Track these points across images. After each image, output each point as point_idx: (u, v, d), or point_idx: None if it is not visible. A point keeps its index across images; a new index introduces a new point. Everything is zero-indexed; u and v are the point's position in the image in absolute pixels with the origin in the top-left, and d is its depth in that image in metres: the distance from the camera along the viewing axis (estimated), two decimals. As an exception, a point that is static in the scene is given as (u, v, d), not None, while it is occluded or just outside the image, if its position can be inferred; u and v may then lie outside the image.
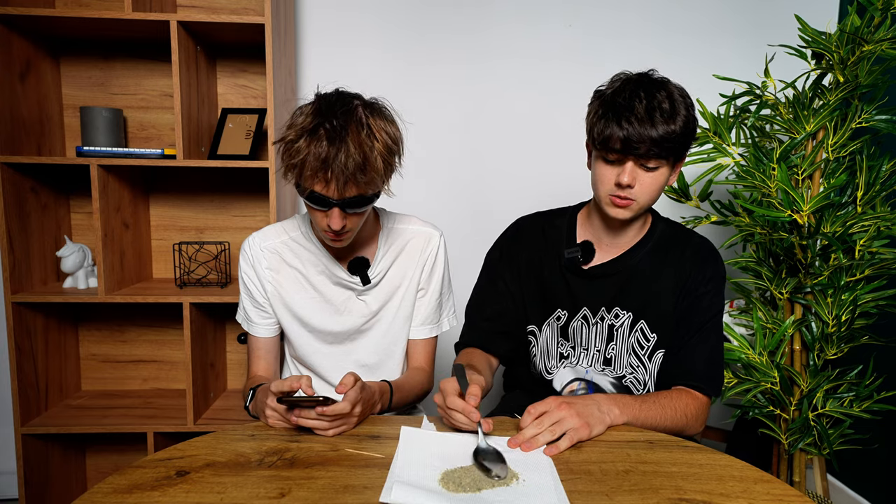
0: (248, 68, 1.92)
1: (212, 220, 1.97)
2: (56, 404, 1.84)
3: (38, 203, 1.76)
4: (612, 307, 1.15)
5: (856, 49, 1.44)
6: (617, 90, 1.04)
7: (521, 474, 0.81)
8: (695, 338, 1.11)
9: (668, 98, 1.01)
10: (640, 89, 1.02)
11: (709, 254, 1.15)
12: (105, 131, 1.72)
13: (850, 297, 1.50)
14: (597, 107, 1.06)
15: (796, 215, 1.45)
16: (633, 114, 0.99)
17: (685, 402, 1.06)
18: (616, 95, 1.03)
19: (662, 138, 0.99)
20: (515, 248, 1.23)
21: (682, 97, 1.03)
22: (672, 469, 0.84)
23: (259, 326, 1.24)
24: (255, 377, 1.22)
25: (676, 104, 1.01)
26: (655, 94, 1.01)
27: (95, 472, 2.01)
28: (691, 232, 1.20)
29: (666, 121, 0.99)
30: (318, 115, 0.98)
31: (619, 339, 1.15)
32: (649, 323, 1.13)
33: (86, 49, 1.85)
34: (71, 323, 1.93)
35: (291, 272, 1.20)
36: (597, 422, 0.93)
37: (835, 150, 1.53)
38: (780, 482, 0.81)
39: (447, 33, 2.00)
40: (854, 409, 1.54)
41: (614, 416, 0.97)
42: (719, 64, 1.99)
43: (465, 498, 0.74)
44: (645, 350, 1.14)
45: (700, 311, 1.12)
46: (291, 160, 0.99)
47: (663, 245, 1.15)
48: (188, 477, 0.79)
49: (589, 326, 1.16)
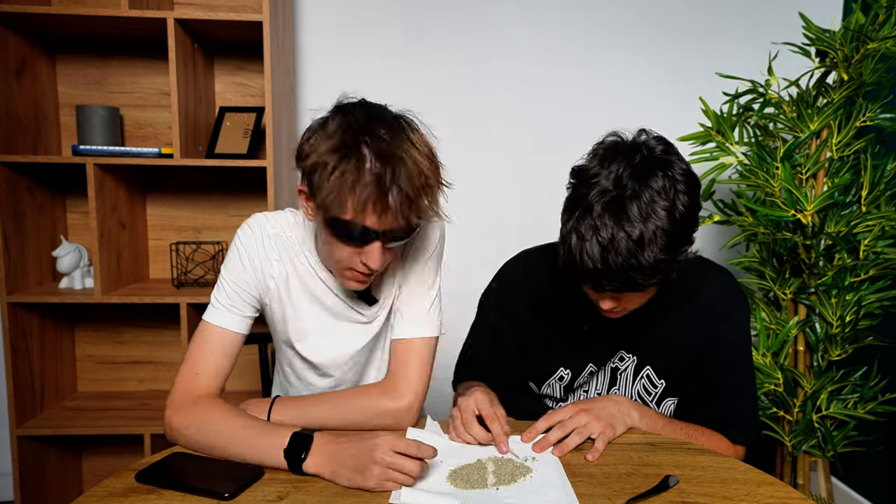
0: (246, 66, 1.92)
1: (209, 220, 1.97)
2: (52, 406, 1.84)
3: (34, 202, 1.76)
4: (617, 351, 1.07)
5: (860, 47, 1.44)
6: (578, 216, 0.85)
7: (531, 471, 0.83)
8: (725, 381, 1.02)
9: (644, 221, 0.81)
10: (607, 213, 0.82)
11: (728, 290, 1.05)
12: (101, 130, 1.72)
13: (855, 297, 1.50)
14: (563, 216, 0.89)
15: (800, 215, 1.45)
16: (598, 253, 0.83)
17: (717, 445, 0.98)
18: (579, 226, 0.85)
19: (637, 281, 0.84)
20: (514, 294, 1.11)
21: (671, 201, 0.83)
22: (675, 471, 0.84)
23: (235, 316, 0.97)
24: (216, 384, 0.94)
25: (657, 229, 0.82)
26: (624, 223, 0.81)
27: (91, 474, 2.01)
28: (704, 264, 1.07)
29: (638, 262, 0.82)
30: (353, 131, 0.81)
31: (622, 383, 1.07)
32: (656, 369, 1.05)
33: (82, 47, 1.85)
34: (67, 323, 1.93)
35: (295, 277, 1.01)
36: (618, 421, 0.93)
37: (839, 148, 1.53)
38: (783, 485, 0.81)
39: (447, 33, 1.99)
40: (858, 410, 1.54)
41: (633, 419, 0.96)
42: (722, 61, 1.99)
43: (475, 495, 0.76)
44: (652, 396, 1.06)
45: (727, 351, 1.02)
46: (327, 192, 0.80)
47: (672, 283, 0.97)
48: (185, 479, 0.79)
49: (592, 378, 1.10)
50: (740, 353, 1.04)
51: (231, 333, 0.97)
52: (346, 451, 0.80)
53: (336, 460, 0.79)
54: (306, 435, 0.82)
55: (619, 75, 2.04)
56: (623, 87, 2.05)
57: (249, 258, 0.98)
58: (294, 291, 1.01)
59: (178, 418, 0.89)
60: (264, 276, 0.99)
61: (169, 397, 0.92)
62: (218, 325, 0.96)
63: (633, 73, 2.04)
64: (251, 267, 0.98)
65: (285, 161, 1.81)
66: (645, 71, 2.04)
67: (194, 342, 0.96)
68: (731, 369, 1.03)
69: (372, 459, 0.77)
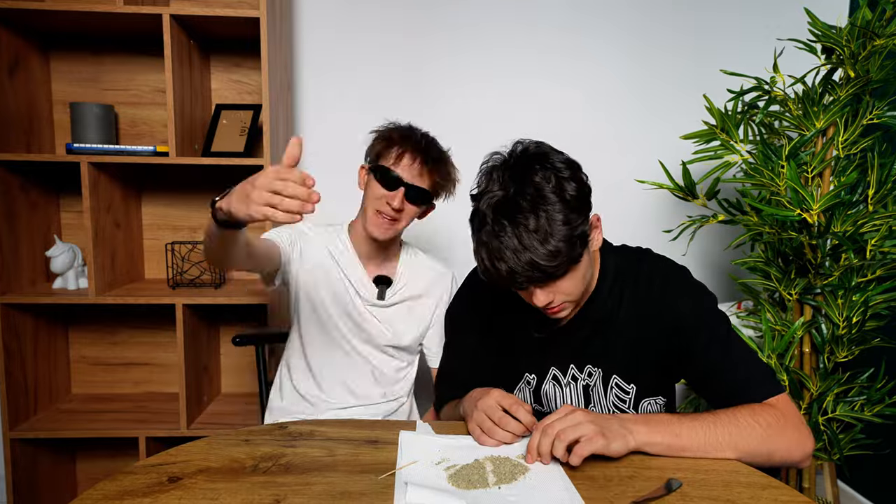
0: (243, 63, 1.92)
1: (205, 219, 1.95)
2: (45, 408, 1.84)
3: (28, 201, 1.77)
4: (584, 365, 1.07)
5: (867, 43, 1.44)
6: (479, 222, 0.93)
7: (529, 469, 0.85)
8: (724, 358, 0.98)
9: (535, 210, 0.87)
10: (500, 215, 0.89)
11: (681, 281, 1.04)
12: (96, 128, 1.72)
13: (862, 298, 1.50)
14: (472, 236, 0.96)
15: (806, 214, 1.45)
16: (503, 250, 0.88)
17: (755, 412, 0.90)
18: (480, 231, 0.92)
19: (546, 265, 0.88)
20: (477, 303, 1.17)
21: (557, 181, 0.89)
22: (677, 475, 0.83)
23: (281, 235, 1.29)
24: None
25: (549, 214, 0.87)
26: (518, 217, 0.87)
27: (86, 477, 2.02)
28: (651, 258, 1.08)
29: (541, 245, 0.87)
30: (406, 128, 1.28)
31: (595, 399, 1.08)
32: (622, 375, 1.05)
33: (76, 43, 1.85)
34: (61, 324, 1.93)
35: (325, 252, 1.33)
36: (615, 436, 0.84)
37: (845, 147, 1.53)
38: (788, 488, 0.81)
39: (447, 29, 2.00)
40: (865, 413, 1.54)
41: (639, 435, 0.86)
42: (727, 58, 1.99)
43: (478, 494, 0.78)
44: (627, 403, 1.07)
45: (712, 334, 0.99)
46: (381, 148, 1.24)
47: (620, 284, 1.05)
48: (181, 483, 0.79)
49: (562, 388, 1.09)
50: (710, 319, 1.00)
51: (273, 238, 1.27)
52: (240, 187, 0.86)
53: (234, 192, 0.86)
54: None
55: (621, 73, 2.04)
56: (626, 85, 2.05)
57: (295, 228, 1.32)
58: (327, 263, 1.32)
59: None
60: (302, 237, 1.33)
61: None
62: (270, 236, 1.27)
63: (635, 71, 2.04)
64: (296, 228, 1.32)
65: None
66: (648, 68, 2.04)
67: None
68: (711, 342, 0.98)
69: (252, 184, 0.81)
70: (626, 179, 1.95)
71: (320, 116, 2.01)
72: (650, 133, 2.07)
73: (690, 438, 0.87)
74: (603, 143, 2.06)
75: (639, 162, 2.02)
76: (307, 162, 2.04)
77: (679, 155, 1.72)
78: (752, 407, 0.92)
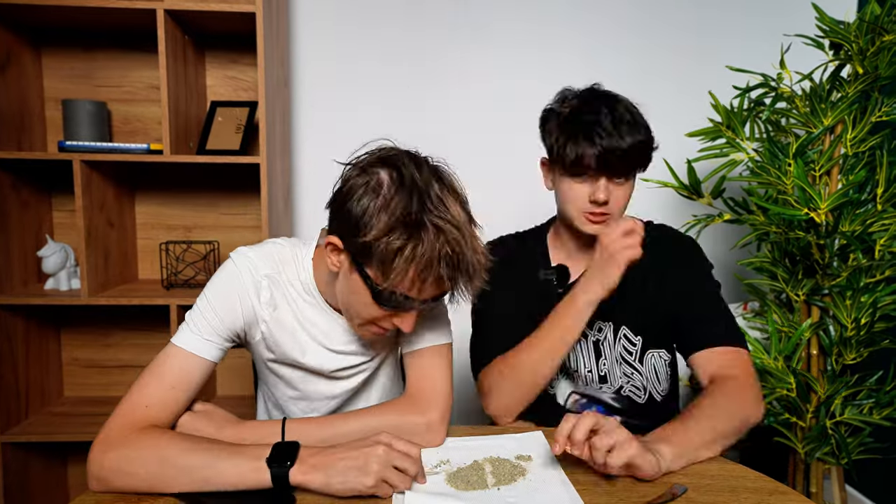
0: (239, 59, 1.92)
1: (200, 219, 1.97)
2: (37, 411, 1.84)
3: (19, 200, 1.77)
4: (594, 322, 1.15)
5: (876, 39, 1.44)
6: (577, 107, 1.07)
7: (528, 470, 0.85)
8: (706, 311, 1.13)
9: (628, 109, 1.06)
10: (600, 104, 1.05)
11: (686, 240, 1.20)
12: (88, 125, 1.72)
13: (870, 298, 1.51)
14: (556, 126, 1.08)
15: (813, 213, 1.45)
16: (603, 128, 1.02)
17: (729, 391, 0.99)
18: (578, 113, 1.06)
19: (633, 149, 1.04)
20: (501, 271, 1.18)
21: (636, 108, 1.10)
22: (683, 480, 0.84)
23: (212, 345, 0.93)
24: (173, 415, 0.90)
25: (636, 115, 1.07)
26: (616, 107, 1.05)
27: (78, 483, 2.01)
28: (659, 225, 1.23)
29: (633, 132, 1.04)
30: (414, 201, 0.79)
31: (606, 352, 1.17)
32: (631, 327, 1.16)
33: (68, 39, 1.85)
34: (53, 326, 1.93)
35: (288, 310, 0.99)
36: (650, 466, 0.82)
37: (854, 144, 1.53)
38: (796, 493, 0.81)
39: (447, 26, 2.00)
40: (874, 416, 1.54)
41: (665, 456, 0.85)
42: (732, 54, 1.99)
43: (477, 495, 0.78)
44: (633, 355, 1.16)
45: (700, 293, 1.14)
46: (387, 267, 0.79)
47: None
48: (176, 488, 0.79)
49: (574, 347, 1.14)
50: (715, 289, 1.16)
51: (206, 363, 0.92)
52: (338, 454, 0.79)
53: (328, 464, 0.77)
54: (290, 443, 0.80)
55: (623, 71, 2.04)
56: (627, 83, 2.04)
57: (239, 297, 0.94)
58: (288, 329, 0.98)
59: (112, 454, 0.79)
60: (256, 318, 0.96)
61: (100, 433, 0.82)
62: (194, 353, 0.91)
63: (637, 69, 2.04)
64: (240, 307, 0.94)
65: (279, 157, 1.81)
66: (650, 66, 2.05)
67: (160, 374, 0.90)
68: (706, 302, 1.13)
69: (370, 455, 0.77)
70: (630, 178, 1.96)
71: (317, 113, 2.01)
72: (654, 131, 2.06)
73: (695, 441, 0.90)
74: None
75: (643, 160, 2.03)
76: (304, 162, 2.04)
77: (684, 153, 1.72)
78: (723, 388, 1.00)
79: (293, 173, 2.03)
